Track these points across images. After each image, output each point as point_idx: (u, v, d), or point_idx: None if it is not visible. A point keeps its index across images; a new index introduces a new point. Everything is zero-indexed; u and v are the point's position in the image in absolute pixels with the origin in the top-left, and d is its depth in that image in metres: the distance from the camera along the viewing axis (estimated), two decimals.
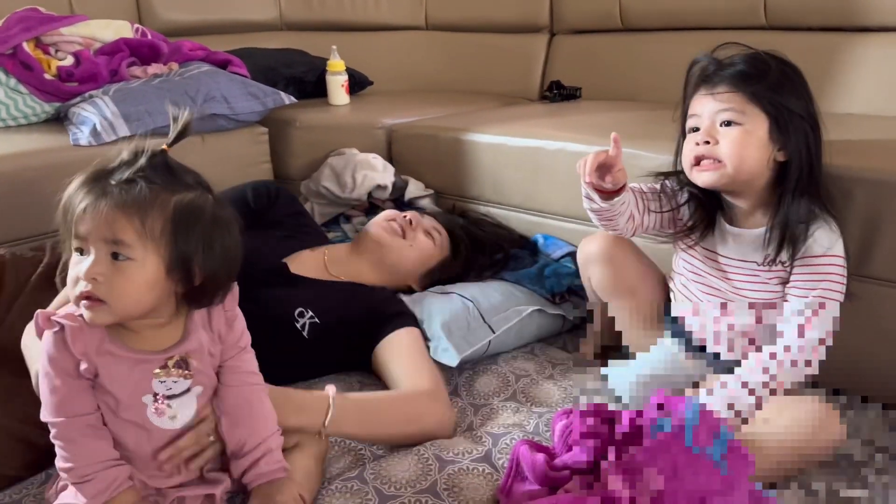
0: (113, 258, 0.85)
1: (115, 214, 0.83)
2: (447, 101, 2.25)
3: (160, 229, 0.85)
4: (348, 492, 1.06)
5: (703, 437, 0.88)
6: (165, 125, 1.68)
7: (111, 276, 0.84)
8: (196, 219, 0.88)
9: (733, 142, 1.06)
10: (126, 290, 0.85)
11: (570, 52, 2.39)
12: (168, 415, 0.92)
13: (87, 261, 0.84)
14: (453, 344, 1.34)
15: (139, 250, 0.85)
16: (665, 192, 1.21)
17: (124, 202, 0.84)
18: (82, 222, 0.84)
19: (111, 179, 0.85)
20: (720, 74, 1.09)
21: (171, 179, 0.88)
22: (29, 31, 1.80)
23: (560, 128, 1.70)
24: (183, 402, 0.93)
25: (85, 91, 1.75)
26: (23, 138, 1.66)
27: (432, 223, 1.60)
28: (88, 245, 0.85)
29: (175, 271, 0.87)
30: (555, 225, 1.62)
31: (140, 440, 0.92)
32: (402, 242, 1.52)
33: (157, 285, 0.87)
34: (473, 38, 2.57)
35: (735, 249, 1.15)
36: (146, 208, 0.85)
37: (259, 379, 1.00)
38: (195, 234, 0.87)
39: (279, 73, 2.20)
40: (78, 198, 0.85)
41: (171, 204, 0.86)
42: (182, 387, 0.93)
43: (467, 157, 1.77)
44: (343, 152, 1.92)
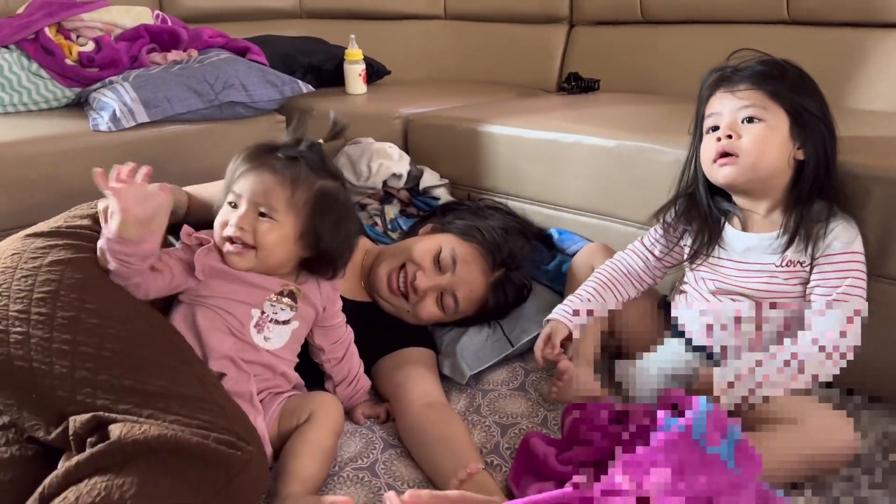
0: (259, 216, 1.04)
1: (273, 182, 1.04)
2: (464, 92, 2.24)
3: (303, 204, 1.05)
4: (359, 482, 1.08)
5: (711, 434, 0.88)
6: (184, 112, 1.73)
7: (255, 228, 1.04)
8: (332, 203, 1.08)
9: (756, 137, 1.07)
10: (265, 242, 1.04)
11: (588, 44, 2.37)
12: (264, 334, 1.09)
13: (238, 212, 1.05)
14: (465, 362, 1.33)
15: (282, 214, 1.05)
16: (668, 228, 1.23)
17: (282, 173, 1.05)
18: (242, 182, 1.05)
19: (277, 153, 1.07)
20: (739, 74, 1.11)
21: (321, 167, 1.09)
22: (51, 16, 1.81)
23: (577, 120, 1.69)
24: (280, 331, 1.10)
25: (105, 77, 1.76)
26: (43, 123, 1.67)
27: (458, 284, 1.32)
28: (241, 200, 1.05)
29: (303, 239, 1.07)
30: (570, 219, 1.61)
31: (228, 346, 1.05)
32: (402, 303, 1.34)
33: (287, 244, 1.07)
34: (492, 29, 2.56)
35: (750, 255, 1.14)
36: (297, 183, 1.05)
37: (350, 332, 1.22)
38: (328, 214, 1.07)
39: (297, 61, 2.20)
40: (242, 163, 1.07)
41: (316, 185, 1.07)
42: (285, 316, 1.11)
43: (484, 148, 1.77)
44: (359, 141, 1.92)
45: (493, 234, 1.38)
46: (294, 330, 1.12)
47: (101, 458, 0.82)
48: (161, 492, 0.81)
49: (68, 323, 0.92)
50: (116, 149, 1.60)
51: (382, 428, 1.21)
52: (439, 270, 1.32)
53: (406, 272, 1.33)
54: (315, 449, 1.05)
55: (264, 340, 1.09)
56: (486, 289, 1.35)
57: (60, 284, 0.96)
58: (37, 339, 0.91)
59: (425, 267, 1.32)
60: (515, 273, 1.39)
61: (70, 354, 0.90)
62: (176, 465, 0.83)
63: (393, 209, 1.86)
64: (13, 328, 0.92)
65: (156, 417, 0.86)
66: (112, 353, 0.91)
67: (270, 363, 1.10)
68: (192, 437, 0.85)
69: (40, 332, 0.91)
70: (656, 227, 1.26)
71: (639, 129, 1.51)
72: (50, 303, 0.94)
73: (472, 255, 1.35)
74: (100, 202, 1.05)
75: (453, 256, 1.32)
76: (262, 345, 1.08)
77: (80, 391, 0.88)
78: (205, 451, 0.84)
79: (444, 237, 1.38)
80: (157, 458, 0.83)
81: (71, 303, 0.94)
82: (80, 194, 1.38)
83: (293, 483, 1.00)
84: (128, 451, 0.82)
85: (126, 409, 0.87)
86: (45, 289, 0.95)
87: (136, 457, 0.82)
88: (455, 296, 1.32)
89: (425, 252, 1.33)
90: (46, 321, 0.92)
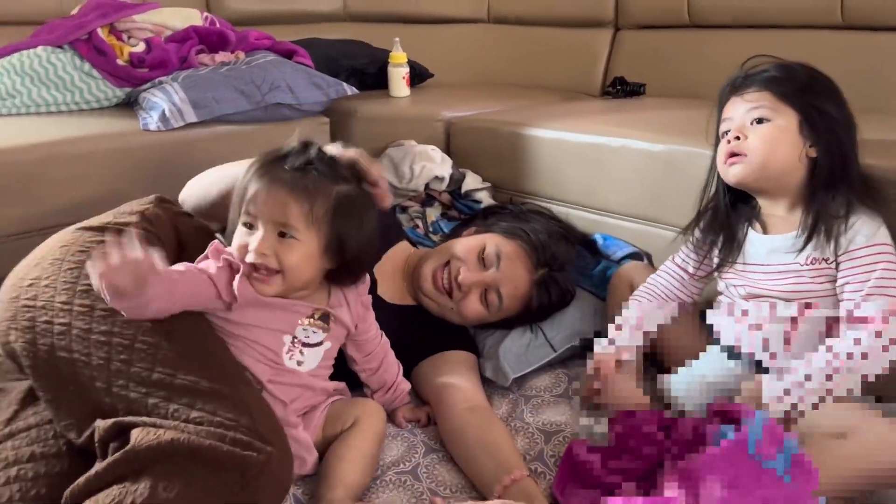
0: (279, 236, 0.98)
1: (288, 198, 0.97)
2: (507, 95, 2.23)
3: (323, 214, 0.99)
4: (401, 486, 1.07)
5: (767, 448, 0.85)
6: (231, 112, 1.73)
7: (278, 251, 0.98)
8: (352, 207, 1.02)
9: (762, 136, 1.10)
10: (290, 263, 0.98)
11: (634, 48, 2.34)
12: (297, 359, 1.05)
13: (256, 235, 0.98)
14: (508, 364, 1.32)
15: (303, 231, 0.98)
16: (697, 243, 1.24)
17: (296, 188, 0.98)
18: (255, 202, 0.98)
19: (284, 165, 0.99)
20: (749, 80, 1.15)
21: (334, 171, 1.02)
22: (104, 17, 1.85)
23: (623, 124, 1.67)
24: (312, 353, 1.07)
25: (155, 77, 1.79)
26: (94, 122, 1.70)
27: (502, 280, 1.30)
28: (258, 222, 0.98)
29: (329, 251, 1.01)
30: (615, 224, 1.59)
31: (264, 372, 1.02)
32: (446, 301, 1.33)
33: (313, 261, 1.01)
34: (535, 32, 2.54)
35: (774, 257, 1.13)
36: (314, 195, 0.98)
37: (386, 342, 1.19)
38: (350, 219, 1.01)
39: (341, 63, 2.22)
40: (252, 179, 0.99)
41: (333, 193, 1.00)
42: (317, 338, 1.07)
43: (526, 152, 1.75)
44: (402, 143, 1.93)
45: (537, 234, 1.38)
46: (326, 350, 1.09)
47: (119, 466, 0.83)
48: (173, 495, 0.80)
49: (107, 314, 0.94)
50: (165, 148, 1.63)
51: (424, 432, 1.21)
52: (483, 267, 1.31)
53: (450, 269, 1.32)
54: (359, 454, 1.05)
55: (297, 364, 1.06)
56: (530, 286, 1.34)
57: None
58: (77, 330, 0.93)
59: (469, 263, 1.31)
60: (559, 274, 1.38)
61: (107, 345, 0.91)
62: (190, 469, 0.83)
63: (434, 212, 1.85)
64: (57, 319, 0.94)
65: (180, 413, 0.87)
66: (145, 345, 0.92)
67: (308, 383, 1.08)
68: (206, 439, 0.84)
69: (81, 324, 0.93)
70: (686, 244, 1.27)
71: (687, 134, 1.49)
72: (92, 295, 0.95)
73: (517, 252, 1.34)
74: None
75: (497, 253, 1.31)
76: (294, 368, 1.06)
77: (115, 382, 0.89)
78: (217, 454, 0.83)
79: (489, 235, 1.37)
80: (172, 462, 0.83)
81: None
82: (129, 191, 1.41)
83: (337, 488, 1.00)
84: (142, 458, 0.83)
85: (154, 403, 0.88)
86: (88, 281, 0.96)
87: (151, 462, 0.82)
88: (499, 292, 1.31)
89: (469, 249, 1.33)
90: (87, 312, 0.94)
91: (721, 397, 1.06)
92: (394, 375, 1.22)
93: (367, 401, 1.15)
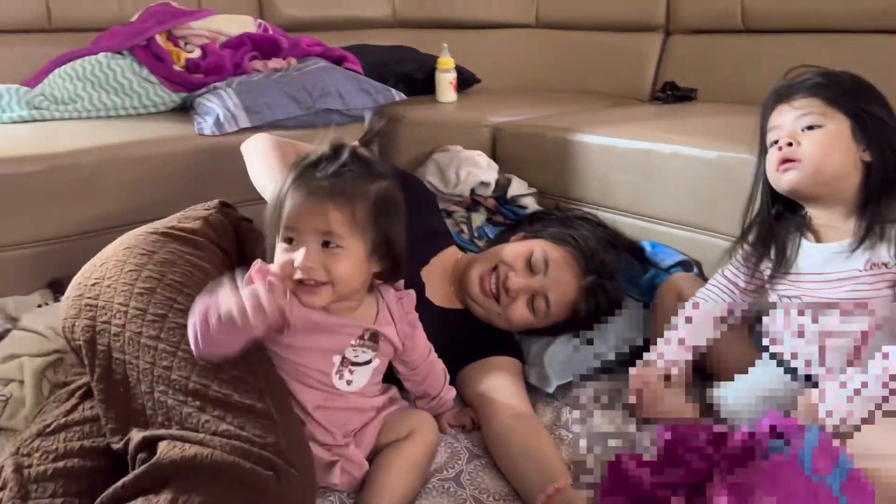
0: (324, 246, 0.95)
1: (327, 206, 0.94)
2: (554, 101, 2.22)
3: (365, 217, 0.96)
4: (445, 493, 1.07)
5: (822, 464, 0.83)
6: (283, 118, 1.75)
7: (325, 263, 0.95)
8: (392, 203, 1.00)
9: (816, 143, 1.09)
10: (339, 274, 0.95)
11: (685, 53, 2.31)
12: (346, 378, 1.03)
13: (300, 252, 0.94)
14: (553, 371, 1.32)
15: (348, 238, 0.95)
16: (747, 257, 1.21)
17: (334, 194, 0.94)
18: (294, 214, 0.94)
19: (317, 173, 0.96)
20: (795, 87, 1.13)
21: (368, 170, 0.98)
22: (162, 24, 1.90)
23: (675, 130, 1.64)
24: (361, 371, 1.05)
25: (210, 83, 1.83)
26: (152, 126, 1.75)
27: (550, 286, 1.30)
28: (300, 235, 0.95)
29: (376, 252, 0.99)
30: (664, 231, 1.57)
31: (313, 397, 1.01)
32: (493, 306, 1.33)
33: (362, 267, 0.98)
34: (584, 37, 2.53)
35: (831, 265, 1.11)
36: (354, 199, 0.95)
37: (434, 358, 1.17)
38: (392, 216, 0.99)
39: (390, 69, 2.24)
40: (288, 192, 0.96)
41: (371, 193, 0.97)
42: (366, 357, 1.05)
43: (574, 158, 1.74)
44: (448, 149, 1.94)
45: (585, 240, 1.37)
46: (375, 368, 1.08)
47: (143, 478, 0.84)
48: None
49: (157, 319, 0.95)
50: (219, 152, 1.66)
51: (468, 437, 1.21)
52: (531, 272, 1.31)
53: (498, 274, 1.31)
54: (408, 464, 1.04)
55: (347, 384, 1.04)
56: (577, 293, 1.33)
57: (160, 283, 0.99)
58: (130, 333, 0.94)
59: (517, 268, 1.31)
60: (608, 282, 1.36)
61: (153, 350, 0.93)
62: (211, 485, 0.83)
63: (480, 217, 1.85)
64: (114, 320, 0.96)
65: (210, 425, 0.87)
66: (187, 353, 0.92)
67: (356, 405, 1.07)
68: (231, 455, 0.84)
69: (133, 326, 0.95)
70: (735, 257, 1.24)
71: (741, 140, 1.46)
72: (146, 298, 0.97)
73: (565, 258, 1.33)
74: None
75: (545, 258, 1.31)
76: (344, 388, 1.04)
77: (157, 388, 0.91)
78: (240, 472, 0.83)
79: (536, 241, 1.37)
80: (194, 477, 0.83)
81: (163, 301, 0.97)
82: (184, 194, 1.45)
83: (381, 495, 1.00)
84: (166, 471, 0.84)
85: (189, 412, 0.89)
86: (145, 285, 0.98)
87: (173, 476, 0.83)
88: (547, 298, 1.30)
89: (517, 254, 1.32)
90: (140, 316, 0.95)
91: (778, 412, 1.03)
92: (439, 387, 1.20)
93: (423, 413, 1.15)
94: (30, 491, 0.89)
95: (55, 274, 1.53)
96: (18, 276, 1.51)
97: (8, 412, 1.22)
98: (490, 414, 1.18)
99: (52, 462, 0.92)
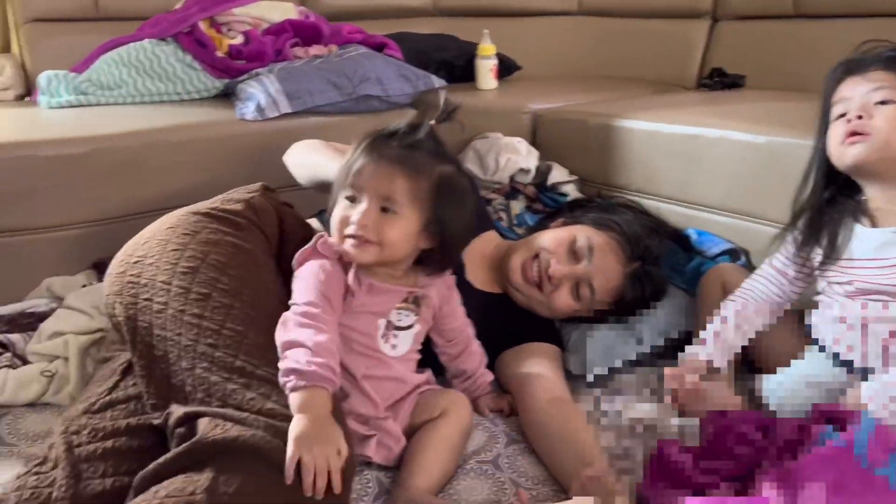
0: (382, 211, 0.99)
1: (395, 173, 0.99)
2: (596, 87, 2.19)
3: (425, 192, 1.00)
4: (482, 475, 1.06)
5: (878, 453, 0.79)
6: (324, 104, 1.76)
7: (378, 225, 0.99)
8: (452, 189, 1.03)
9: (889, 118, 1.05)
10: (389, 238, 0.99)
11: (733, 39, 2.24)
12: (391, 342, 1.07)
13: (358, 208, 0.99)
14: (593, 358, 1.30)
15: (406, 207, 1.00)
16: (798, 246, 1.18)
17: (404, 163, 1.00)
18: (361, 175, 1.00)
19: (392, 142, 1.02)
20: (869, 60, 1.09)
21: (438, 152, 1.04)
22: (205, 10, 1.92)
23: (722, 115, 1.60)
24: (405, 336, 1.08)
25: (252, 69, 1.84)
26: (195, 111, 1.77)
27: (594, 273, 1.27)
28: (362, 195, 1.00)
29: (426, 230, 1.02)
30: (710, 219, 1.53)
31: (360, 364, 1.04)
32: (535, 293, 1.30)
33: (411, 238, 1.02)
34: (627, 24, 2.48)
35: (886, 250, 1.07)
36: (419, 172, 1.00)
37: (470, 332, 1.18)
38: (451, 200, 1.03)
39: (430, 56, 2.23)
40: (360, 155, 1.01)
41: (436, 172, 1.02)
42: (409, 321, 1.08)
43: (617, 144, 1.71)
44: (487, 136, 1.92)
45: (629, 225, 1.33)
46: (416, 333, 1.10)
47: (184, 456, 0.85)
48: (233, 490, 0.81)
49: (201, 298, 0.96)
50: (260, 137, 1.67)
51: (505, 422, 1.19)
52: (575, 259, 1.28)
53: (540, 261, 1.29)
54: (444, 445, 1.04)
55: (392, 349, 1.07)
56: (622, 280, 1.30)
57: (203, 262, 1.00)
58: (173, 311, 0.95)
59: (560, 255, 1.28)
60: (653, 268, 1.33)
61: (196, 328, 0.93)
62: (252, 466, 0.83)
63: (518, 204, 1.83)
64: (157, 298, 0.97)
65: (255, 402, 0.87)
66: (233, 332, 0.93)
67: (399, 375, 1.08)
68: (273, 439, 0.84)
69: (177, 304, 0.96)
70: (784, 245, 1.20)
71: (791, 126, 1.42)
72: (189, 277, 0.98)
73: (609, 244, 1.30)
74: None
75: (589, 245, 1.28)
76: (389, 353, 1.07)
77: (199, 364, 0.91)
78: (280, 455, 0.83)
79: (579, 227, 1.34)
80: (236, 457, 0.83)
81: (207, 280, 0.98)
82: (226, 178, 1.46)
83: (418, 475, 1.00)
84: (208, 450, 0.84)
85: (233, 388, 0.89)
86: (188, 264, 0.99)
87: (214, 455, 0.83)
88: (591, 286, 1.27)
89: (560, 240, 1.30)
90: (183, 294, 0.96)
91: (831, 404, 0.99)
92: (475, 365, 1.21)
93: (456, 393, 1.15)
94: (81, 471, 0.90)
95: (99, 255, 1.55)
96: (64, 256, 1.54)
97: (53, 388, 1.24)
98: (528, 399, 1.16)
99: (100, 440, 0.93)
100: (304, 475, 0.82)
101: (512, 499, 1.00)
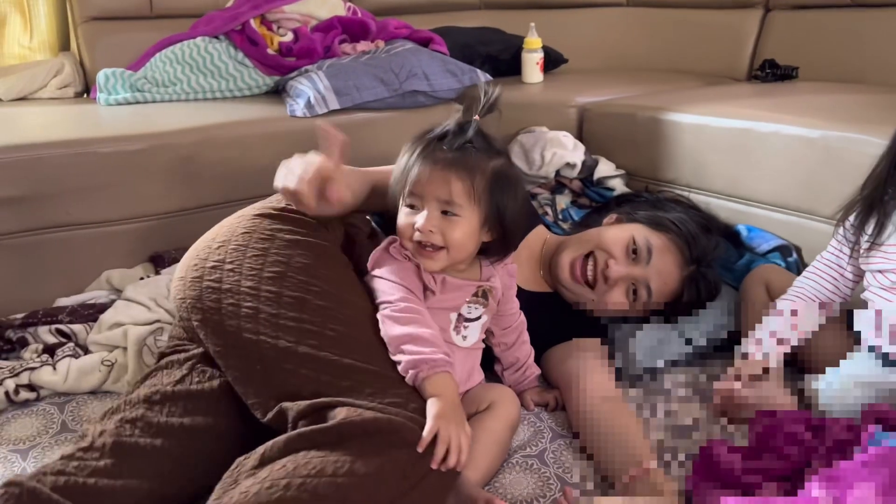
0: (443, 214, 1.02)
1: (450, 177, 1.01)
2: (644, 80, 2.16)
3: (481, 189, 1.03)
4: (528, 469, 1.07)
5: None
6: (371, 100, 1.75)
7: (443, 229, 1.03)
8: (507, 180, 1.06)
9: None
10: (454, 239, 1.03)
11: (786, 30, 2.19)
12: (462, 334, 1.10)
13: (421, 216, 1.03)
14: (640, 355, 1.29)
15: (466, 207, 1.03)
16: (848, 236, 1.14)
17: (458, 166, 1.02)
18: (420, 182, 1.03)
19: (443, 145, 1.04)
20: None
21: (488, 146, 1.06)
22: (256, 8, 1.96)
23: (774, 108, 1.57)
24: (473, 327, 1.12)
25: (301, 66, 1.87)
26: (246, 108, 1.81)
27: (652, 275, 1.26)
28: (423, 202, 1.03)
29: (488, 223, 1.05)
30: (761, 215, 1.50)
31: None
32: (585, 291, 1.29)
33: (474, 235, 1.06)
34: (676, 15, 2.44)
35: None
36: (474, 172, 1.02)
37: (523, 319, 1.22)
38: (507, 192, 1.05)
39: (476, 51, 2.22)
40: (415, 162, 1.04)
41: (489, 168, 1.04)
42: (477, 313, 1.11)
43: (665, 138, 1.69)
44: (533, 130, 1.91)
45: (685, 225, 1.31)
46: (483, 323, 1.13)
47: (320, 434, 0.88)
48: (371, 471, 0.84)
49: (295, 302, 0.98)
50: (310, 133, 1.68)
51: (551, 417, 1.20)
52: (633, 260, 1.27)
53: (595, 260, 1.27)
54: (492, 438, 1.05)
55: (462, 339, 1.10)
56: (679, 282, 1.28)
57: (289, 266, 1.02)
58: (265, 315, 0.98)
59: (617, 255, 1.26)
60: (709, 270, 1.31)
61: (296, 331, 0.96)
62: (388, 449, 0.87)
63: (564, 199, 1.83)
64: (244, 303, 0.99)
65: (375, 396, 0.91)
66: (336, 333, 0.97)
67: (467, 366, 1.11)
68: (406, 422, 0.89)
69: (269, 308, 0.98)
70: (835, 238, 1.17)
71: (847, 119, 1.38)
72: (278, 282, 1.00)
73: (667, 245, 1.28)
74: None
75: (648, 246, 1.26)
76: (461, 344, 1.10)
77: (304, 365, 0.94)
78: (415, 436, 0.88)
79: (635, 226, 1.31)
80: (372, 440, 0.87)
81: (298, 284, 1.00)
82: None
83: (467, 467, 0.99)
84: (344, 432, 0.87)
85: (348, 385, 0.92)
86: (274, 269, 1.01)
87: (350, 437, 0.87)
88: (649, 287, 1.26)
89: (617, 240, 1.28)
90: (275, 298, 0.99)
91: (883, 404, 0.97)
92: (526, 354, 1.24)
93: (504, 387, 1.16)
94: (122, 464, 0.93)
95: (155, 248, 1.60)
96: (122, 249, 1.59)
97: (112, 377, 1.29)
98: (575, 394, 1.16)
99: (150, 437, 0.96)
100: (438, 446, 0.89)
101: (558, 495, 1.01)
